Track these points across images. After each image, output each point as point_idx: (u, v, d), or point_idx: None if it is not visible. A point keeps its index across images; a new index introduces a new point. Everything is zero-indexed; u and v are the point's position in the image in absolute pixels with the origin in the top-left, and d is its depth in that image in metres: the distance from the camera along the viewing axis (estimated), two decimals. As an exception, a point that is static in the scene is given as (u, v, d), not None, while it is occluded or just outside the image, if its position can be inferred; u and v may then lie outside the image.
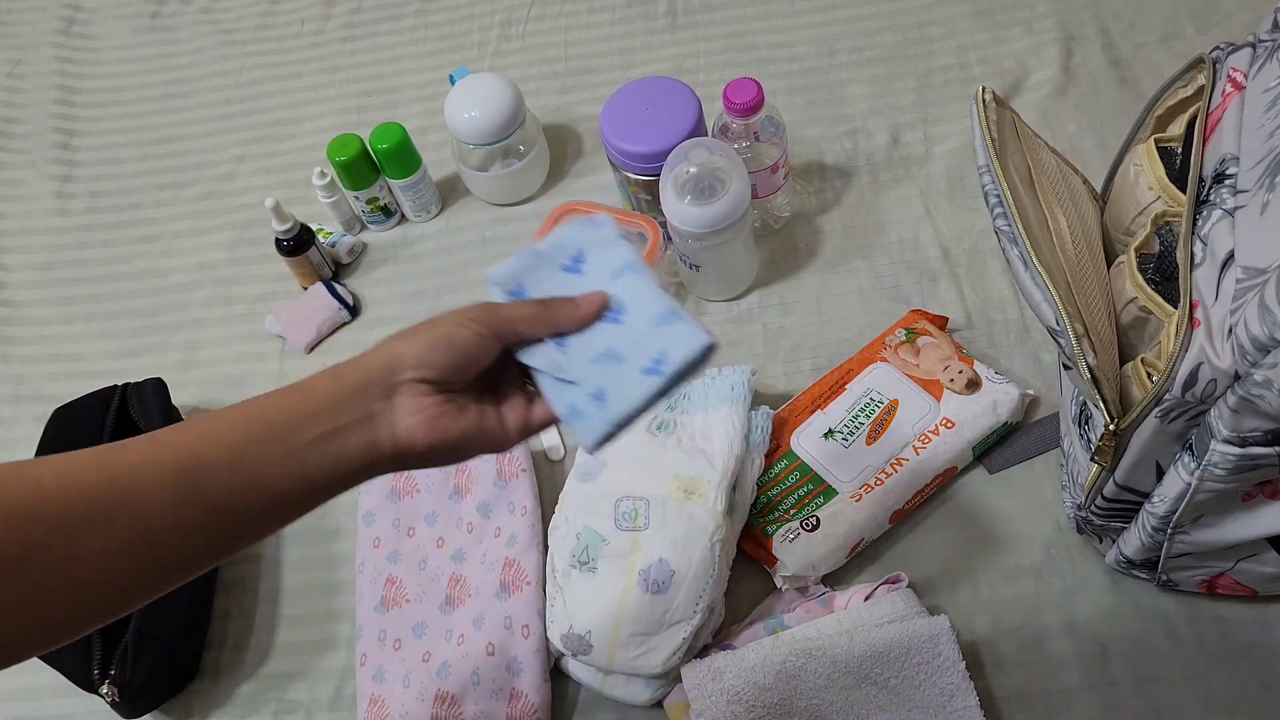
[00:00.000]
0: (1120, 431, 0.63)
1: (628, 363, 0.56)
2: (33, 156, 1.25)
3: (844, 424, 0.86)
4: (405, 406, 0.50)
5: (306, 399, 0.49)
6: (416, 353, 0.51)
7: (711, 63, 1.19)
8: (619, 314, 0.57)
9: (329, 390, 0.49)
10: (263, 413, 0.48)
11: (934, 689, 0.73)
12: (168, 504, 0.45)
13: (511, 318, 0.55)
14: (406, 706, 0.80)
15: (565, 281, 0.59)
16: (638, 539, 0.80)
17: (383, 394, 0.50)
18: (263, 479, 0.47)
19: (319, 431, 0.48)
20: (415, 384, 0.51)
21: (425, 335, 0.52)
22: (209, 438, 0.46)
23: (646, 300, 0.57)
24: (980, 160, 0.69)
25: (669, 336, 0.56)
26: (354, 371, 0.50)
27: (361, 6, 1.33)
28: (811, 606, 0.79)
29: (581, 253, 0.60)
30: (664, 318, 0.56)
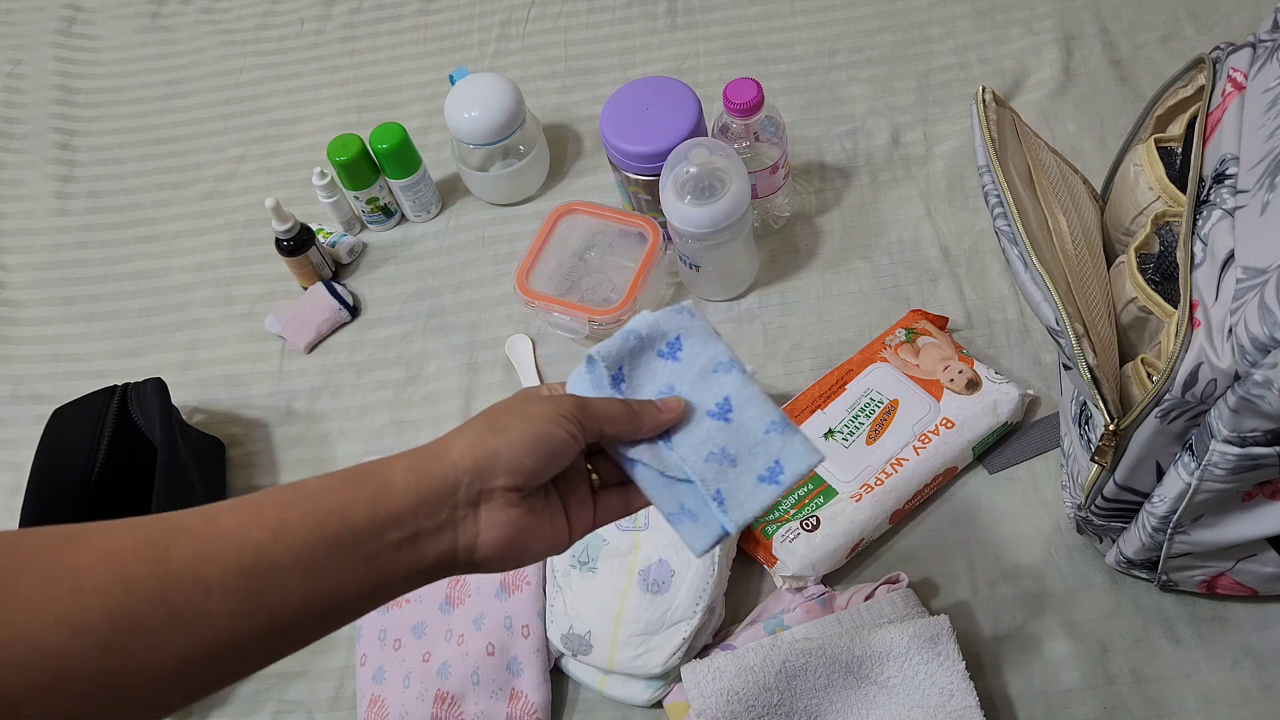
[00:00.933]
0: (1120, 431, 0.63)
1: (742, 466, 0.55)
2: (33, 156, 1.25)
3: (844, 424, 0.86)
4: (492, 518, 0.46)
5: (385, 497, 0.44)
6: (511, 456, 0.46)
7: (711, 63, 1.19)
8: (727, 412, 0.56)
9: (411, 489, 0.44)
10: (340, 508, 0.42)
11: (934, 689, 0.73)
12: (228, 614, 0.39)
13: (600, 416, 0.51)
14: (406, 706, 0.80)
15: (662, 368, 0.58)
16: (638, 539, 0.80)
17: (469, 500, 0.46)
18: (334, 586, 0.42)
19: (398, 537, 0.44)
20: (506, 492, 0.46)
21: (519, 433, 0.47)
22: (279, 536, 0.40)
23: (757, 405, 0.56)
24: (980, 160, 0.69)
25: (784, 447, 0.55)
26: (440, 467, 0.45)
27: (361, 6, 1.33)
28: (811, 606, 0.79)
29: (679, 340, 0.58)
30: (777, 426, 0.56)
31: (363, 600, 0.44)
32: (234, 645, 0.40)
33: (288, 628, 0.41)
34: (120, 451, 0.91)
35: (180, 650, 0.38)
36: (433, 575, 0.46)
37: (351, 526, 0.42)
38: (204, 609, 0.38)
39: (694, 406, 0.56)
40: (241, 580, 0.39)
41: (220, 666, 0.40)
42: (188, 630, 0.38)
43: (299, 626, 0.42)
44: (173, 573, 0.38)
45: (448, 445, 0.47)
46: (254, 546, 0.40)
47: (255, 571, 0.40)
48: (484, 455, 0.46)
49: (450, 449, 0.46)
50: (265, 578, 0.40)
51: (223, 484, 0.96)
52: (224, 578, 0.39)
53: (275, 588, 0.40)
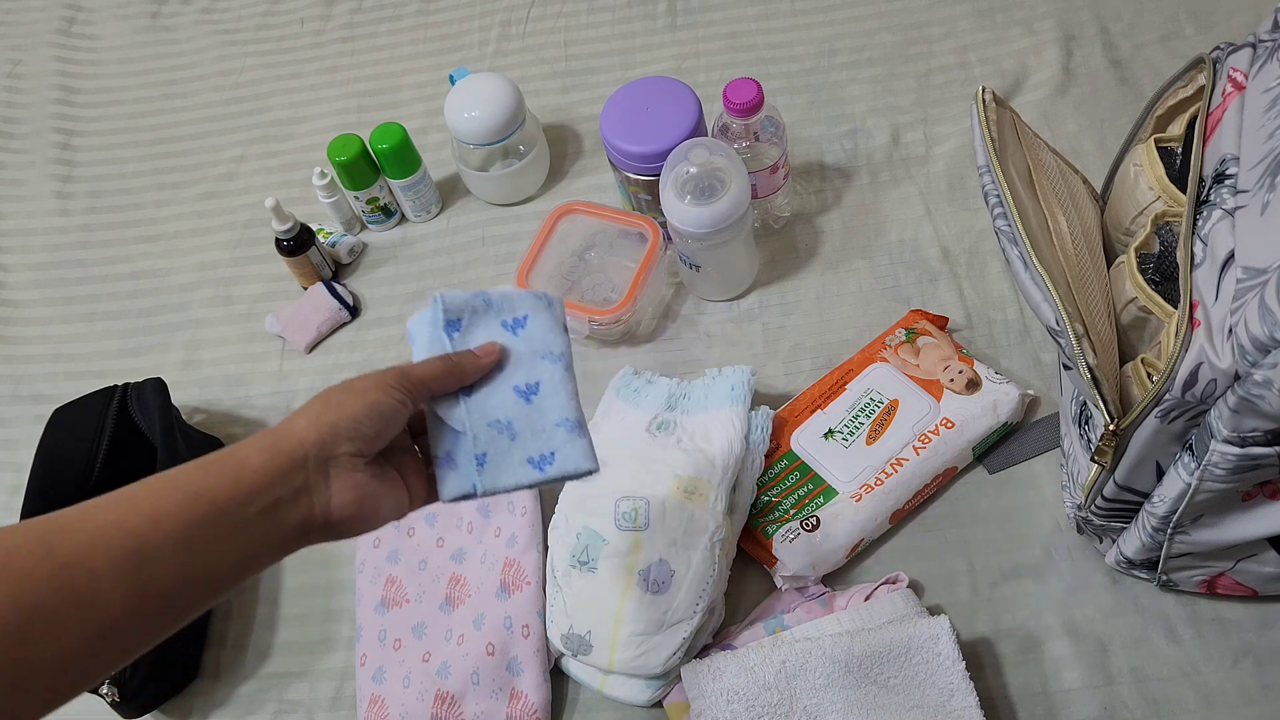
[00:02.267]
0: (1120, 431, 0.63)
1: (518, 443, 0.58)
2: (33, 156, 1.25)
3: (844, 424, 0.86)
4: (341, 482, 0.51)
5: (244, 475, 0.48)
6: (350, 425, 0.51)
7: (711, 63, 1.19)
8: (531, 394, 0.60)
9: (266, 464, 0.49)
10: (205, 490, 0.47)
11: (934, 689, 0.73)
12: (123, 595, 0.43)
13: (424, 377, 0.56)
14: (406, 706, 0.80)
15: (499, 336, 0.61)
16: (638, 539, 0.80)
17: (318, 468, 0.50)
18: (211, 560, 0.47)
19: (259, 508, 0.48)
20: (350, 457, 0.51)
21: (354, 405, 0.52)
22: (154, 521, 0.45)
23: (562, 398, 0.60)
24: (980, 160, 0.69)
25: (565, 443, 0.59)
26: (288, 444, 0.50)
27: (361, 6, 1.33)
28: (811, 606, 0.79)
29: (525, 319, 0.62)
30: (569, 423, 0.59)
31: (239, 569, 0.49)
32: (129, 623, 0.44)
33: (173, 601, 0.46)
34: (120, 451, 0.91)
35: (83, 632, 0.42)
36: (296, 540, 0.50)
37: (218, 505, 0.47)
38: (98, 593, 0.42)
39: (507, 373, 0.60)
40: (128, 564, 0.43)
41: (120, 642, 0.44)
42: (87, 613, 0.42)
43: (184, 600, 0.46)
44: (64, 564, 0.42)
45: (292, 425, 0.51)
46: (134, 533, 0.44)
47: (139, 555, 0.44)
48: (326, 428, 0.51)
49: (295, 428, 0.51)
50: (149, 560, 0.44)
51: (223, 484, 0.96)
52: (112, 564, 0.43)
53: (159, 568, 0.44)
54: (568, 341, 0.62)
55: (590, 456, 0.59)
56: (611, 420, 0.89)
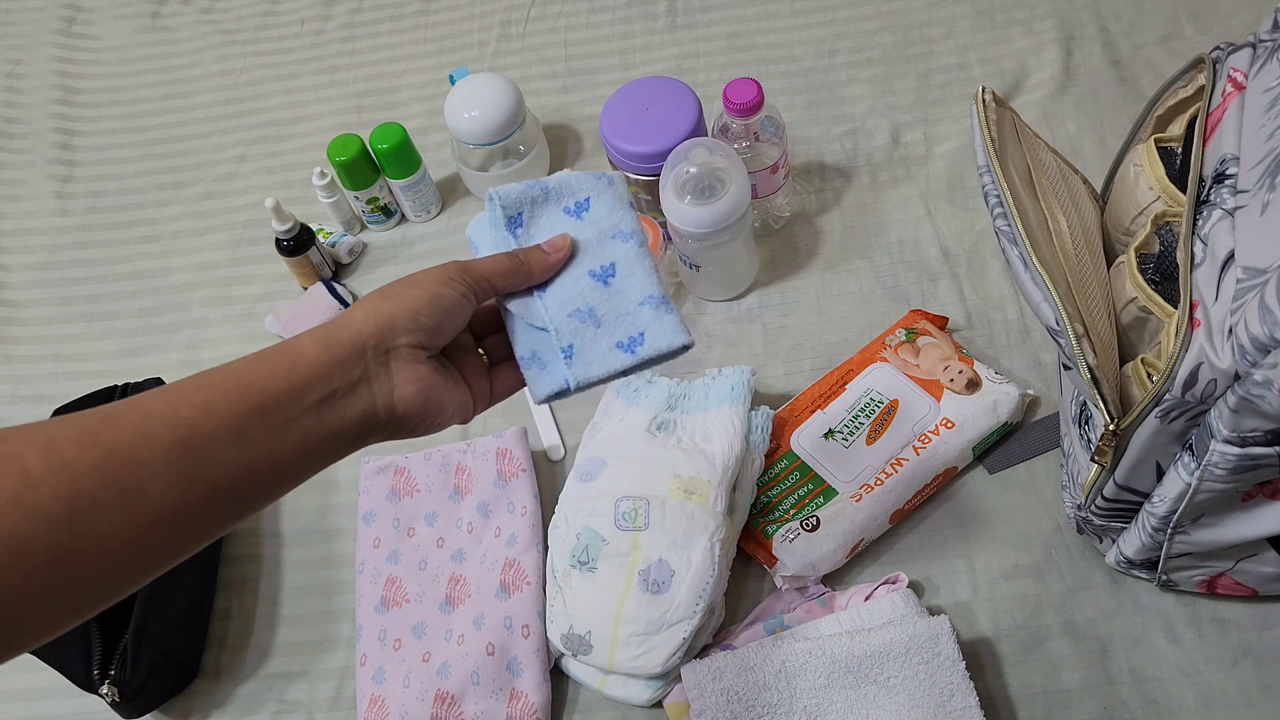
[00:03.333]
0: (1120, 431, 0.63)
1: (604, 329, 0.55)
2: (33, 156, 1.25)
3: (844, 424, 0.86)
4: (403, 374, 0.49)
5: (298, 367, 0.46)
6: (409, 316, 0.50)
7: (711, 63, 1.19)
8: (608, 276, 0.56)
9: (321, 354, 0.47)
10: (259, 381, 0.45)
11: (934, 689, 0.73)
12: (171, 485, 0.42)
13: (487, 273, 0.54)
14: (406, 706, 0.80)
15: (564, 223, 0.58)
16: (638, 539, 0.80)
17: (378, 359, 0.49)
18: (266, 451, 0.45)
19: (317, 398, 0.46)
20: (411, 349, 0.50)
21: (413, 297, 0.51)
22: (207, 411, 0.43)
23: (641, 276, 0.56)
24: (980, 160, 0.69)
25: (653, 321, 0.55)
26: (345, 334, 0.48)
27: (361, 6, 1.33)
28: (811, 606, 0.79)
29: (588, 201, 0.58)
30: (653, 300, 0.56)
31: (295, 464, 0.46)
32: (179, 515, 0.42)
33: (226, 495, 0.44)
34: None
35: (131, 523, 0.40)
36: (358, 437, 0.48)
37: (272, 395, 0.45)
38: (146, 483, 0.41)
39: (579, 260, 0.56)
40: (178, 454, 0.42)
41: (170, 536, 0.42)
42: (134, 503, 0.40)
43: (237, 494, 0.44)
44: (110, 453, 0.40)
45: (349, 317, 0.49)
46: (184, 423, 0.42)
47: (189, 445, 0.42)
48: (384, 319, 0.49)
49: (351, 319, 0.49)
50: (199, 450, 0.42)
51: (223, 484, 0.96)
52: (161, 453, 0.41)
53: (209, 458, 0.43)
54: (636, 218, 0.58)
55: (682, 330, 0.55)
56: (611, 420, 0.89)
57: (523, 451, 0.90)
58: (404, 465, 0.92)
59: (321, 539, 0.93)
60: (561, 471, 0.92)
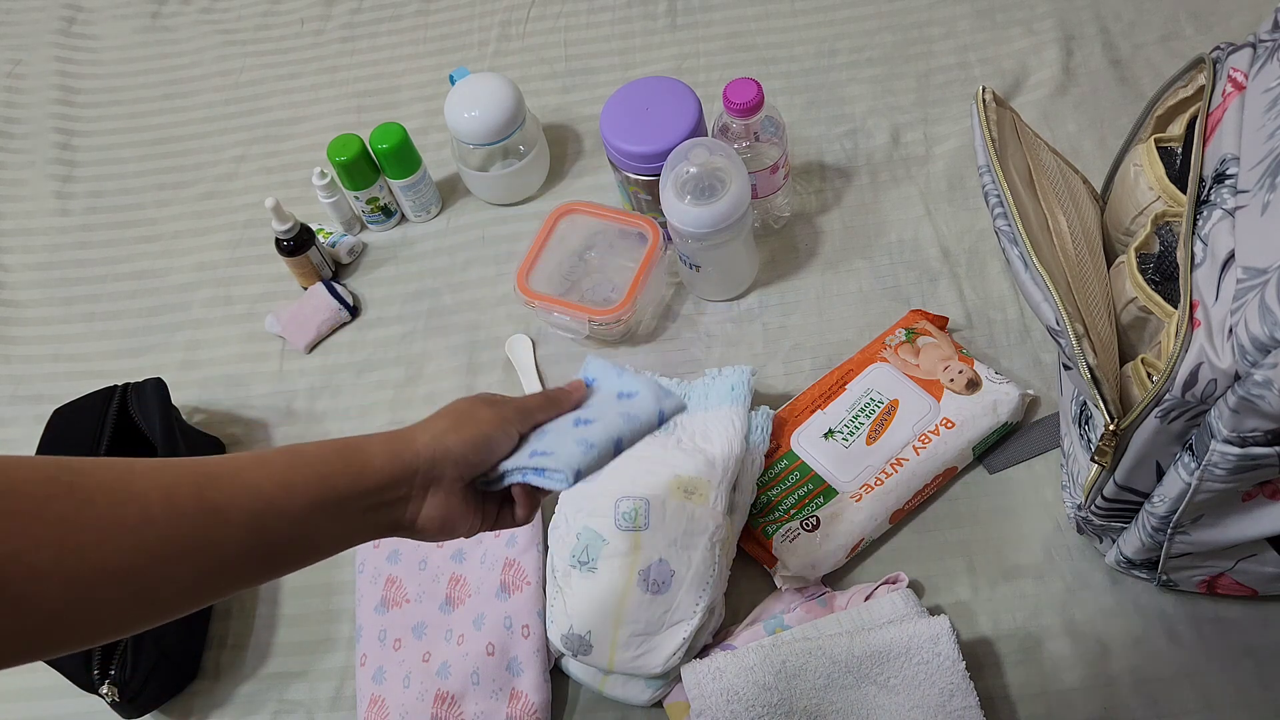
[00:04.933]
0: (1120, 431, 0.63)
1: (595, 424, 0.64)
2: (33, 156, 1.25)
3: (844, 424, 0.86)
4: (435, 501, 0.58)
5: (366, 473, 0.55)
6: (461, 454, 0.58)
7: (711, 63, 1.19)
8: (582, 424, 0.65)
9: (385, 467, 0.56)
10: (331, 476, 0.54)
11: (934, 689, 0.73)
12: (243, 547, 0.50)
13: (533, 410, 0.63)
14: (406, 706, 0.80)
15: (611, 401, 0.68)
16: (638, 539, 0.80)
17: (423, 483, 0.57)
18: (318, 533, 0.54)
19: (370, 504, 0.55)
20: (451, 481, 0.58)
21: (469, 434, 0.59)
22: (286, 491, 0.52)
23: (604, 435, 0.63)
24: (980, 160, 0.69)
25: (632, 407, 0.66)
26: (408, 454, 0.57)
27: (361, 6, 1.33)
28: (811, 606, 0.79)
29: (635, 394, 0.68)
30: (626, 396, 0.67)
31: (334, 545, 0.55)
32: (240, 566, 0.51)
33: (279, 559, 0.53)
34: (120, 451, 0.91)
35: (206, 567, 0.49)
36: (383, 533, 0.57)
37: (338, 492, 0.54)
38: (226, 539, 0.50)
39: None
40: (255, 522, 0.51)
41: (227, 580, 0.51)
42: (212, 551, 0.49)
43: (282, 560, 0.53)
44: (207, 509, 0.49)
45: (415, 436, 0.58)
46: (266, 498, 0.51)
47: (265, 516, 0.51)
48: (440, 450, 0.57)
49: (417, 439, 0.58)
50: (271, 521, 0.51)
51: (223, 484, 0.96)
52: (241, 518, 0.50)
53: (276, 529, 0.52)
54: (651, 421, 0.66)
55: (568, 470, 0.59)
56: (611, 420, 0.89)
57: (523, 451, 0.90)
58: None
59: (321, 539, 0.93)
60: (561, 471, 0.92)
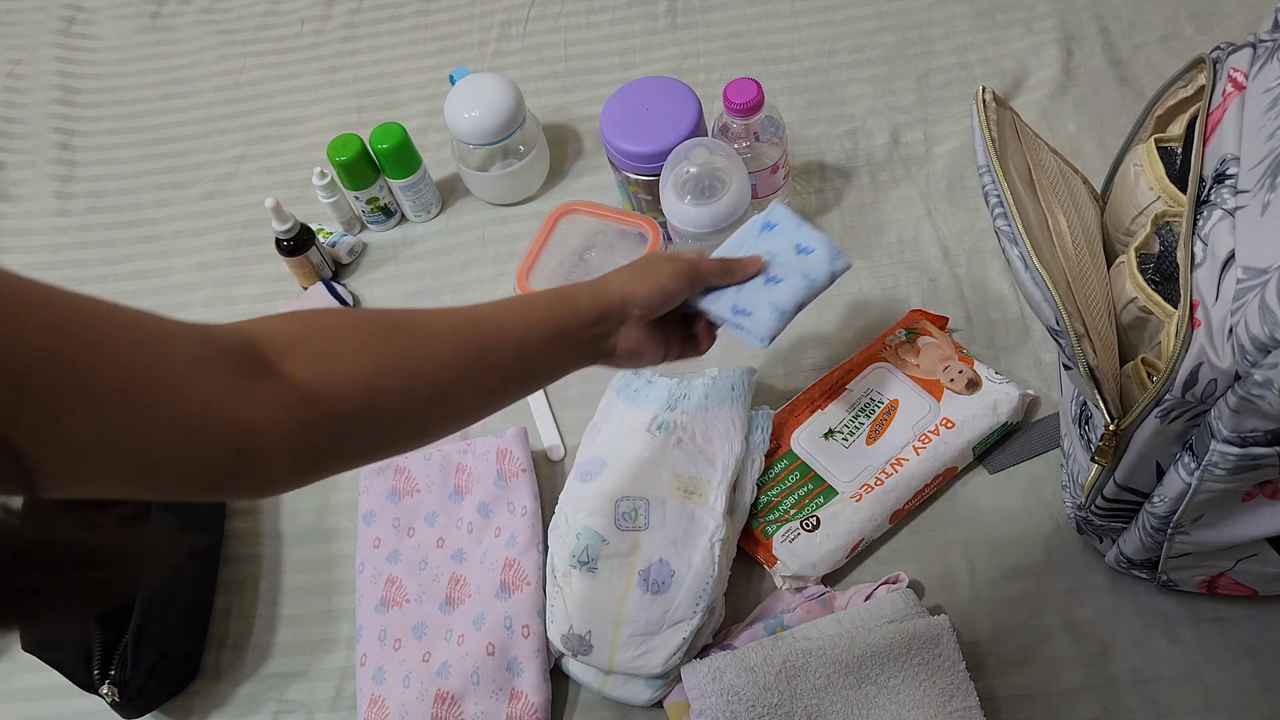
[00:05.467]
0: (1120, 432, 0.63)
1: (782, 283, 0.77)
2: (33, 156, 1.25)
3: (844, 424, 0.86)
4: (628, 333, 0.71)
5: (578, 313, 0.69)
6: (645, 299, 0.71)
7: (711, 63, 1.19)
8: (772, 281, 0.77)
9: (591, 308, 0.69)
10: (556, 317, 0.68)
11: (934, 689, 0.73)
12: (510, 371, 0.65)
13: (707, 273, 0.75)
14: (406, 706, 0.80)
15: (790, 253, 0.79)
16: (638, 539, 0.80)
17: (618, 319, 0.71)
18: (552, 363, 0.69)
19: (585, 337, 0.69)
20: (637, 319, 0.71)
21: (649, 282, 0.71)
22: (531, 328, 0.66)
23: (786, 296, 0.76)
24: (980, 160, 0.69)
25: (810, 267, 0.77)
26: (605, 296, 0.70)
27: (361, 6, 1.33)
28: (811, 606, 0.79)
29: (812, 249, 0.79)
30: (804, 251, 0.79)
31: (562, 369, 0.70)
32: (506, 388, 0.66)
33: (532, 379, 0.69)
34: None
35: (485, 387, 0.64)
36: (593, 360, 0.72)
37: (562, 328, 0.68)
38: (496, 365, 0.64)
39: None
40: (514, 351, 0.65)
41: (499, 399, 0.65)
42: (489, 375, 0.64)
43: (535, 380, 0.70)
44: (486, 345, 0.63)
45: (609, 282, 0.71)
46: (519, 336, 0.65)
47: (521, 348, 0.65)
48: (629, 295, 0.71)
49: (611, 285, 0.71)
50: (525, 352, 0.66)
51: (223, 484, 0.96)
52: (508, 351, 0.64)
53: (530, 357, 0.66)
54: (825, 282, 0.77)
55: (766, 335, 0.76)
56: (612, 420, 0.89)
57: (523, 451, 0.90)
58: (404, 465, 0.92)
59: (321, 539, 0.93)
60: (561, 471, 0.92)
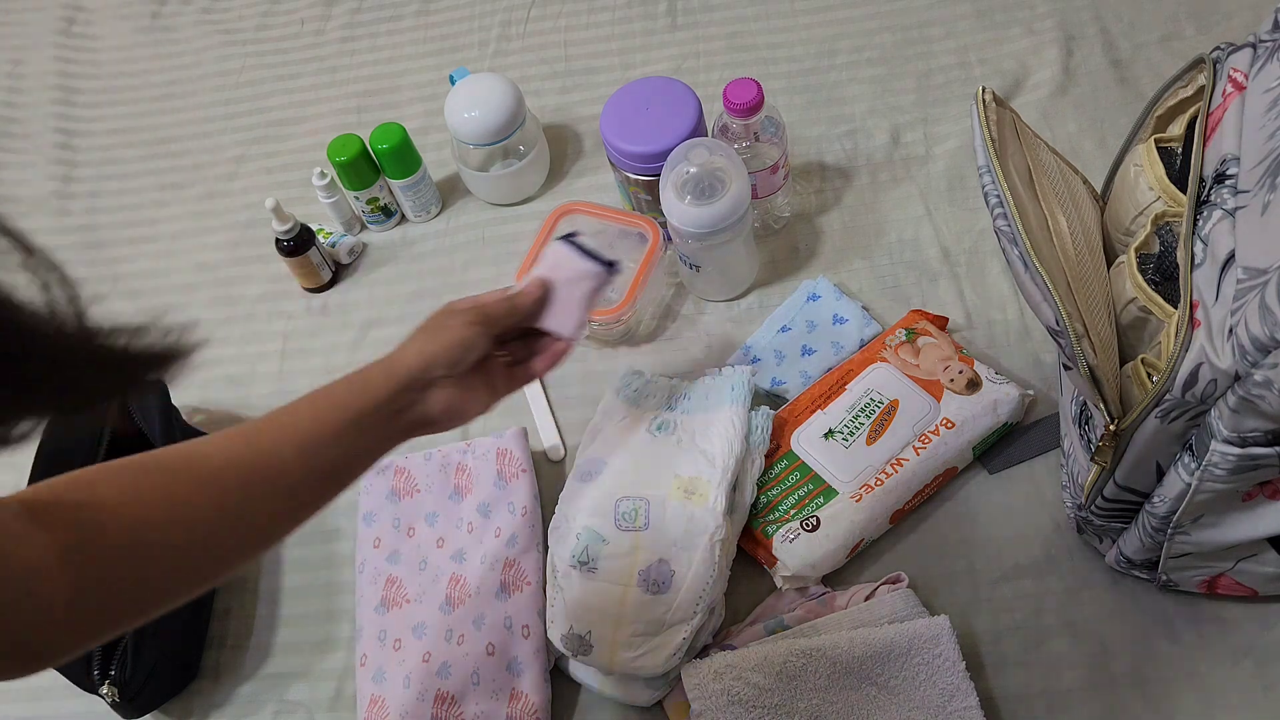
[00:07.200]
0: (1120, 432, 0.63)
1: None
2: (33, 156, 1.25)
3: (844, 424, 0.86)
4: (436, 396, 0.69)
5: (370, 391, 0.66)
6: (444, 355, 0.68)
7: (711, 63, 1.19)
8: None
9: (385, 384, 0.67)
10: (349, 402, 0.65)
11: (934, 689, 0.73)
12: (300, 471, 0.62)
13: (497, 316, 0.73)
14: (406, 707, 0.80)
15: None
16: (638, 539, 0.80)
17: (421, 387, 0.68)
18: (354, 447, 0.65)
19: (383, 414, 0.67)
20: (443, 379, 0.69)
21: (447, 339, 0.69)
22: (318, 423, 0.64)
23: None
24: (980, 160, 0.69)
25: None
26: (400, 369, 0.67)
27: (361, 6, 1.33)
28: (811, 606, 0.79)
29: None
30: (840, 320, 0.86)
31: (374, 452, 0.67)
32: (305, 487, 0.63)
33: (335, 474, 0.65)
34: (121, 451, 0.90)
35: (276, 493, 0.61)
36: (407, 434, 0.69)
37: (356, 411, 0.65)
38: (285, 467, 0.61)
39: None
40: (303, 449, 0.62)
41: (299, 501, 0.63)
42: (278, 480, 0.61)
43: (343, 472, 0.65)
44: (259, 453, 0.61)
45: (404, 354, 0.68)
46: (305, 432, 0.63)
47: (309, 444, 0.63)
48: (427, 358, 0.68)
49: (405, 357, 0.68)
50: (315, 447, 0.63)
51: (223, 484, 0.96)
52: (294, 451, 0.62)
53: (322, 452, 0.63)
54: (853, 349, 0.81)
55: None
56: (612, 421, 0.89)
57: (523, 452, 0.90)
58: (404, 465, 0.92)
59: (321, 539, 0.93)
60: (561, 471, 0.92)
